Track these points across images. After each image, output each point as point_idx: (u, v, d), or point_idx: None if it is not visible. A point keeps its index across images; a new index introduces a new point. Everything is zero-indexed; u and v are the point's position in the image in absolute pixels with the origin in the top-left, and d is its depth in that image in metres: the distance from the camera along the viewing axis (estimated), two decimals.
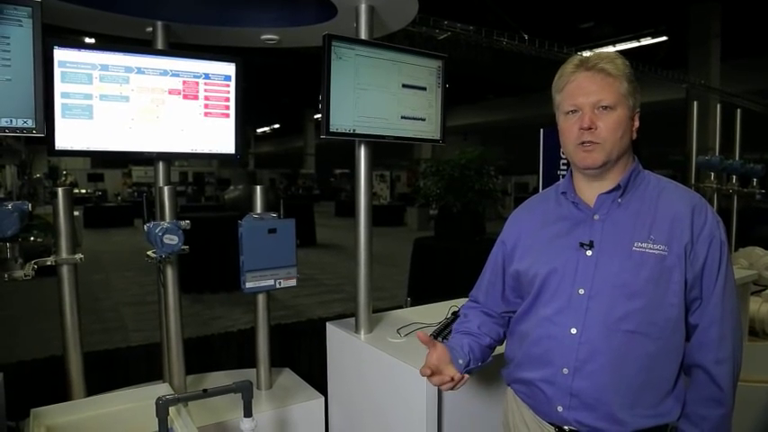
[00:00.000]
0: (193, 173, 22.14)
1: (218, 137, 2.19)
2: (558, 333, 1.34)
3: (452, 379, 1.42)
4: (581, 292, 1.31)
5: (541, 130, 2.59)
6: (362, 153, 2.14)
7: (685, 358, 1.32)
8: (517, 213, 1.58)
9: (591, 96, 1.31)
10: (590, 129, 1.31)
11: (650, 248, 1.28)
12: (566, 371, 1.32)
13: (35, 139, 1.68)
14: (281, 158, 32.76)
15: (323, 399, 2.26)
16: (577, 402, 1.31)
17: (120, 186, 21.69)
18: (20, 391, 1.83)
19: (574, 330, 1.31)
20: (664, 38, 12.44)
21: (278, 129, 31.02)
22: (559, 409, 1.33)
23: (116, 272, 8.69)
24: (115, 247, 11.50)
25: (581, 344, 1.30)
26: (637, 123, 1.36)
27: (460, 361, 1.48)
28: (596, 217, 1.35)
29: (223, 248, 6.71)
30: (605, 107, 1.30)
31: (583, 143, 1.33)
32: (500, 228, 1.61)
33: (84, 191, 19.79)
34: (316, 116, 25.67)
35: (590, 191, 1.39)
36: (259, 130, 30.84)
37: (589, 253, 1.33)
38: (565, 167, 2.76)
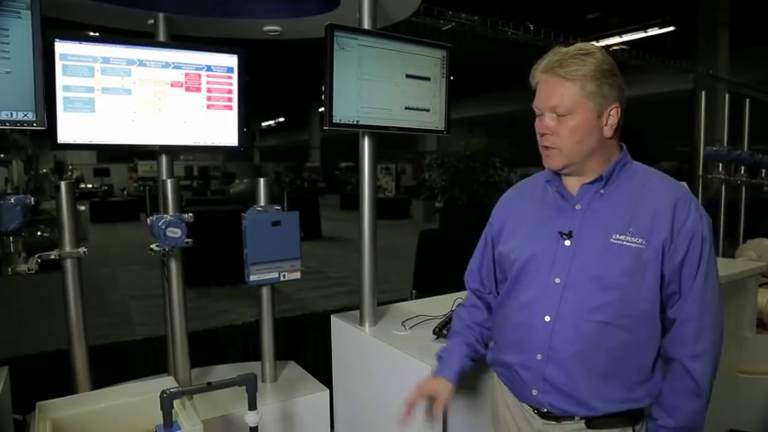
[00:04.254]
0: (199, 167, 22.15)
1: (221, 129, 2.18)
2: (533, 320, 1.36)
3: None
4: (557, 281, 1.33)
5: None
6: (366, 144, 2.12)
7: (662, 350, 1.34)
8: (506, 196, 1.61)
9: (546, 102, 1.32)
10: (545, 135, 1.33)
11: (628, 241, 1.28)
12: (539, 357, 1.35)
13: (41, 134, 1.67)
14: (287, 152, 32.70)
15: (327, 391, 2.25)
16: (550, 387, 1.34)
17: (126, 181, 21.76)
18: (26, 385, 1.83)
19: (547, 318, 1.33)
20: (671, 28, 12.33)
21: (283, 122, 30.98)
22: (534, 392, 1.37)
23: (122, 266, 8.73)
24: (121, 241, 11.54)
25: (554, 332, 1.32)
26: (613, 119, 1.31)
27: (451, 377, 1.55)
28: (578, 207, 1.36)
29: (229, 242, 6.71)
30: (560, 114, 1.30)
31: (544, 146, 1.35)
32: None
33: (90, 185, 19.87)
34: (321, 109, 25.48)
35: (574, 180, 1.39)
36: (264, 124, 30.82)
37: (567, 243, 1.34)
38: None
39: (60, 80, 1.84)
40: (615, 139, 1.36)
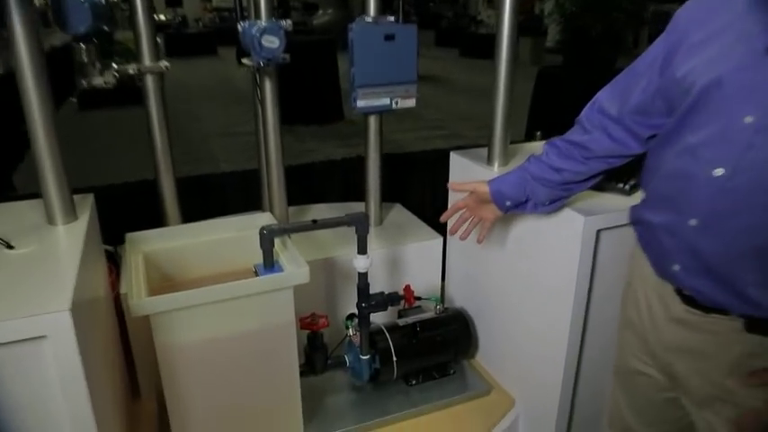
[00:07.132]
0: None
1: None
2: (696, 170, 1.06)
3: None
4: (748, 120, 0.97)
5: None
6: None
7: None
8: (694, 1, 1.17)
9: None
10: None
11: None
12: (693, 222, 1.07)
13: None
14: None
15: (441, 239, 2.12)
16: (698, 265, 1.08)
17: (201, 11, 21.64)
18: (113, 216, 1.79)
19: (720, 171, 1.01)
20: None
21: None
22: (675, 267, 1.13)
23: (201, 101, 8.85)
24: (199, 79, 11.59)
25: (725, 191, 1.01)
26: None
27: (508, 203, 1.50)
28: None
29: (315, 76, 6.45)
30: None
31: None
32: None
33: (162, 17, 19.87)
34: None
35: None
36: None
37: None
38: None
39: None
40: None
